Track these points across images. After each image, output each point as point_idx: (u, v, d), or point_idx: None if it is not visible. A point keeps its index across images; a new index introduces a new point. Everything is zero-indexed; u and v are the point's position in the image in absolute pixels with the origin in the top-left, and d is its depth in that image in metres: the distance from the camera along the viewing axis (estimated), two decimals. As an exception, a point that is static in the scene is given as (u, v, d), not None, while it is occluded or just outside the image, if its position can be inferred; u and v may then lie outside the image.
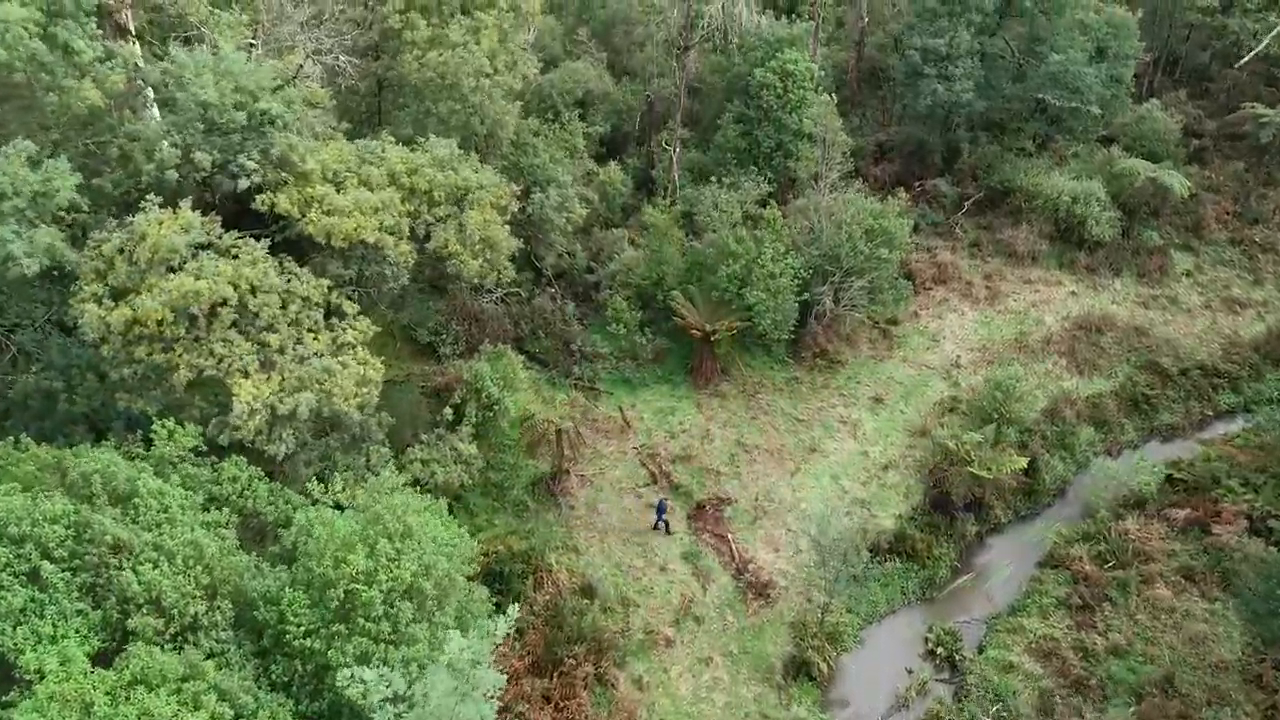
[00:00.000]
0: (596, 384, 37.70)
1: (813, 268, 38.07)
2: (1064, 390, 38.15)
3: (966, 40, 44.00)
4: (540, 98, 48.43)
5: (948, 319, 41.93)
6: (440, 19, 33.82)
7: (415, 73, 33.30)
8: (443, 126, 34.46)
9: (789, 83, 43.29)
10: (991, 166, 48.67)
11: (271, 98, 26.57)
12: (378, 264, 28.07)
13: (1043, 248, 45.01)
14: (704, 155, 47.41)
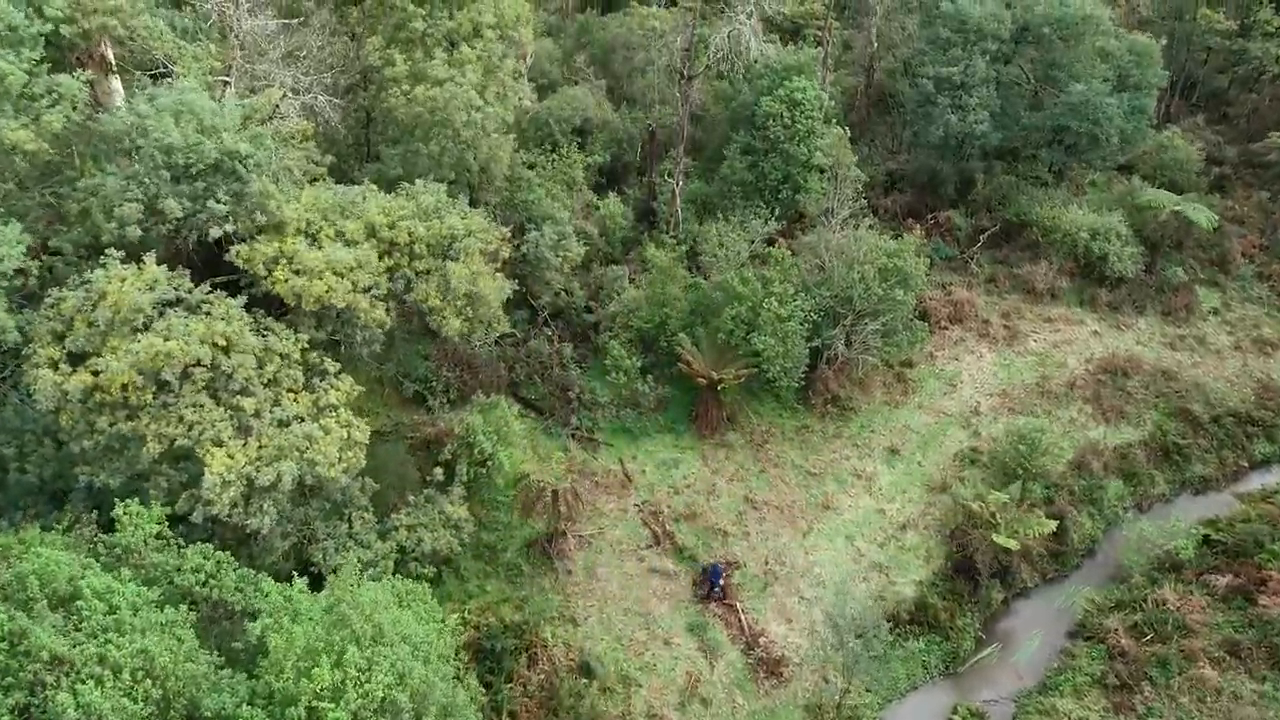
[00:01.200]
0: (595, 434, 35.63)
1: (823, 309, 36.07)
2: (1090, 440, 36.06)
3: (982, 69, 42.15)
4: (537, 125, 46.58)
5: (965, 361, 39.89)
6: (424, 52, 31.95)
7: (402, 108, 31.42)
8: (433, 163, 32.56)
9: (797, 112, 41.41)
10: (1007, 198, 46.75)
11: (238, 136, 24.59)
12: (350, 326, 26.05)
13: (1062, 284, 43.03)
14: (708, 186, 45.50)
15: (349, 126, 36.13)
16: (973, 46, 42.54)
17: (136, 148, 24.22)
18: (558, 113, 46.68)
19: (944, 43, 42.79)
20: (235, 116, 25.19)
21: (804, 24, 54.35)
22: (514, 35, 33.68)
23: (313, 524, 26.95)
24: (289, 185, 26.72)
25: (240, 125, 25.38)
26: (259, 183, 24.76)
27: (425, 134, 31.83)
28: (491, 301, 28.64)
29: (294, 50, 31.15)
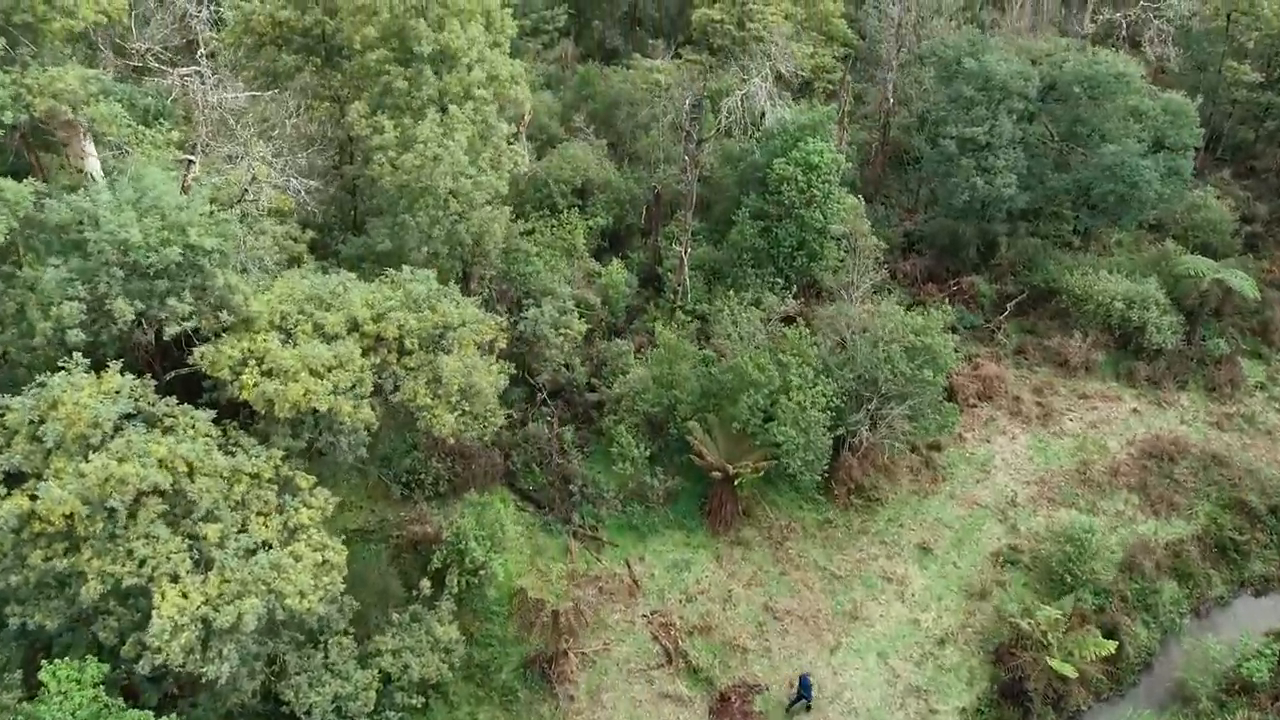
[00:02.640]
0: (599, 531, 32.56)
1: (846, 393, 33.22)
2: (1140, 536, 33.08)
3: (1008, 129, 39.72)
4: (536, 186, 44.04)
5: (997, 443, 36.99)
6: (412, 115, 29.34)
7: (388, 176, 28.73)
8: (423, 236, 29.84)
9: (812, 176, 38.87)
10: (1033, 261, 44.18)
11: (206, 232, 21.80)
12: (332, 433, 23.10)
13: (1097, 357, 40.27)
14: (716, 251, 42.84)
15: (331, 198, 33.45)
16: (998, 105, 40.18)
17: (85, 241, 21.42)
18: (557, 173, 44.17)
19: (967, 101, 40.42)
20: (202, 204, 22.42)
21: (814, 77, 52.12)
22: (509, 95, 31.12)
23: (283, 657, 23.82)
24: (260, 274, 23.92)
25: (206, 214, 22.61)
26: (224, 276, 21.95)
27: (411, 204, 29.12)
28: (488, 396, 25.78)
29: (268, 122, 28.44)
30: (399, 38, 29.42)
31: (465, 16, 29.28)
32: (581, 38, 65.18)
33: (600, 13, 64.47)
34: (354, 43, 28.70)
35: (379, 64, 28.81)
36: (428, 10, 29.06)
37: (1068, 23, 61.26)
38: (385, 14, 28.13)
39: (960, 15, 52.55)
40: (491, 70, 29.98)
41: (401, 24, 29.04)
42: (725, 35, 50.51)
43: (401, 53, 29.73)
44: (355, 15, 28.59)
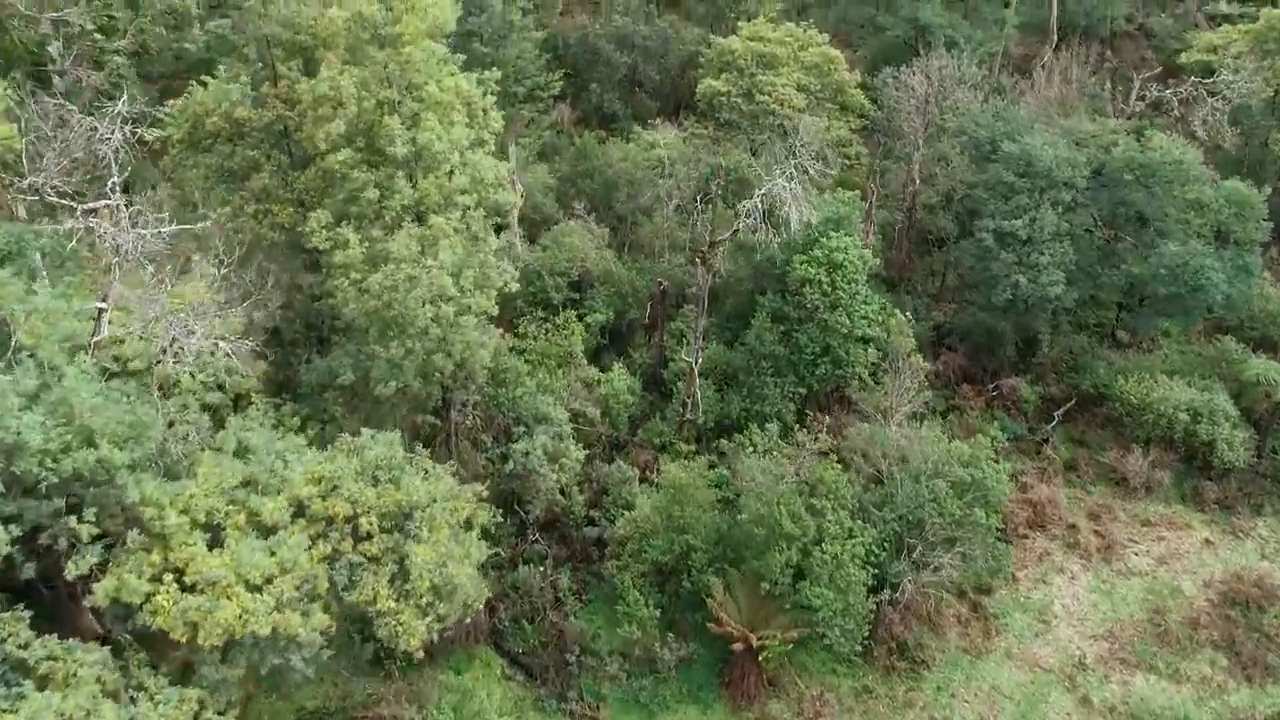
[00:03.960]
0: (599, 710, 27.67)
1: (887, 537, 28.65)
2: (1233, 711, 28.33)
3: (1053, 221, 35.60)
4: (529, 280, 39.73)
5: (1055, 583, 32.34)
6: (382, 227, 25.02)
7: (353, 301, 24.31)
8: (394, 369, 25.38)
9: (837, 276, 34.65)
10: (1078, 361, 39.84)
11: (125, 442, 17.27)
12: (280, 653, 18.42)
13: (1160, 476, 35.74)
14: (729, 350, 38.45)
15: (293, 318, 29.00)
16: (1040, 194, 36.11)
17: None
18: (551, 264, 39.96)
19: (1005, 189, 36.34)
20: (123, 418, 17.89)
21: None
22: (495, 200, 26.85)
23: None
24: (182, 453, 19.38)
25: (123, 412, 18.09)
26: (138, 488, 17.41)
27: (381, 332, 24.70)
28: (468, 590, 21.12)
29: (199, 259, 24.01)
30: (368, 136, 25.26)
31: (444, 111, 25.14)
32: (579, 100, 61.55)
33: (598, 76, 60.81)
34: (315, 142, 24.49)
35: (344, 167, 24.59)
36: (400, 104, 24.93)
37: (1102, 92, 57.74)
38: (352, 108, 23.96)
39: (984, 84, 48.90)
40: (475, 173, 25.74)
41: (371, 120, 24.89)
42: (733, 108, 46.82)
43: (371, 154, 25.54)
44: (317, 108, 24.38)
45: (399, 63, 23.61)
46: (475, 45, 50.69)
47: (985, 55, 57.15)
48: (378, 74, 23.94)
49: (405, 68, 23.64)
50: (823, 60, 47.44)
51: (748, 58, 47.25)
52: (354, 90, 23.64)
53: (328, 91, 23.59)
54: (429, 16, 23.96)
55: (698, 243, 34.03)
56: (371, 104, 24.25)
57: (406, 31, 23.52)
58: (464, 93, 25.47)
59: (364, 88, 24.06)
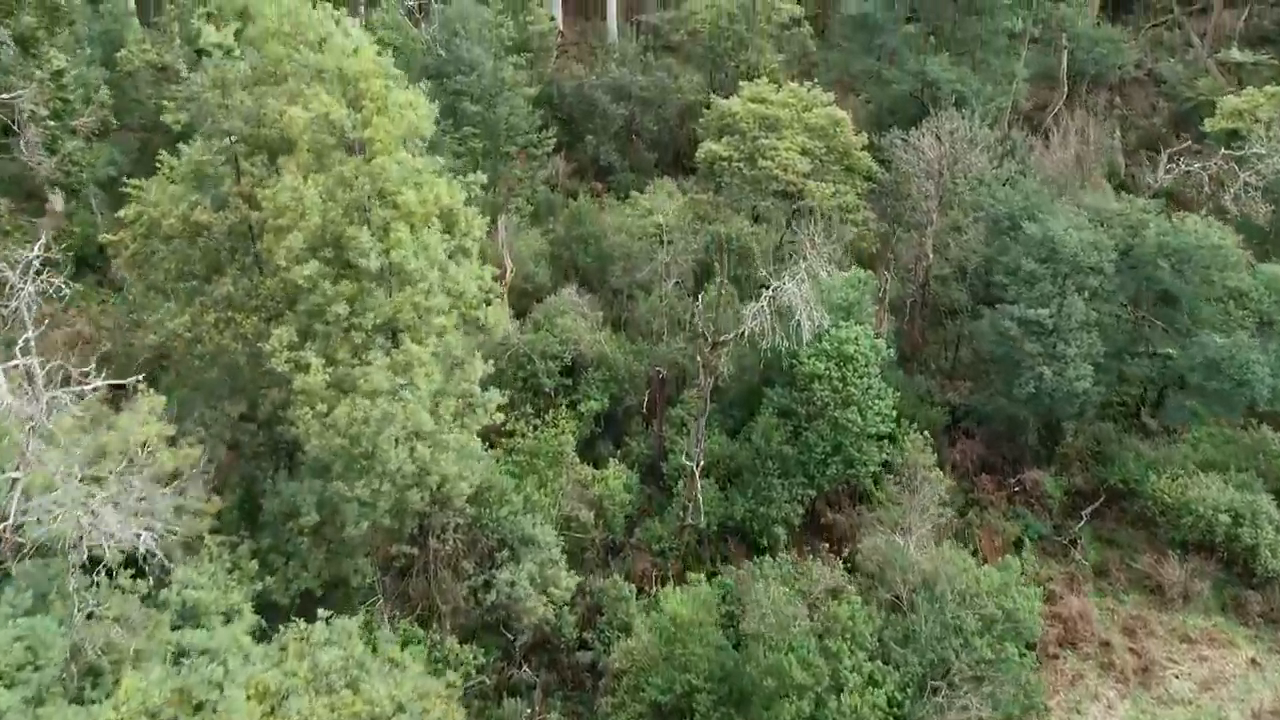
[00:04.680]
0: None
1: (909, 680, 25.99)
2: None
3: (1080, 310, 33.18)
4: (517, 363, 37.29)
5: (1089, 714, 29.66)
6: (351, 348, 22.52)
7: (315, 437, 21.78)
8: (365, 510, 22.83)
9: (848, 370, 32.22)
10: (1105, 452, 37.29)
11: (20, 670, 14.63)
12: None
13: (1198, 586, 33.15)
14: (732, 441, 35.90)
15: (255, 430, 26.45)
16: (1065, 280, 33.72)
17: None
18: (543, 347, 37.48)
19: (1028, 275, 33.94)
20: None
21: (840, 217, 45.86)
22: (477, 318, 24.36)
23: None
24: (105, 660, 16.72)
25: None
26: None
27: (346, 470, 22.15)
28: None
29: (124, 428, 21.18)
30: (335, 246, 22.82)
31: (419, 220, 22.69)
32: (574, 151, 59.48)
33: (594, 127, 58.74)
34: (276, 255, 22.04)
35: (309, 281, 22.12)
36: (370, 213, 22.47)
37: (1114, 141, 55.69)
38: (315, 218, 21.51)
39: (998, 147, 46.67)
40: (454, 288, 23.27)
41: (338, 230, 22.46)
42: (734, 173, 44.56)
43: (339, 265, 23.10)
44: (277, 218, 21.93)
45: (369, 174, 21.21)
46: (465, 104, 48.62)
47: (995, 110, 55.14)
48: (345, 182, 21.53)
49: (376, 178, 21.23)
50: (828, 123, 45.27)
51: (749, 120, 45.08)
52: (318, 200, 21.22)
53: (288, 202, 21.16)
54: (403, 121, 21.57)
55: (697, 329, 31.47)
56: (338, 212, 21.84)
57: (377, 137, 21.16)
58: (443, 203, 23.01)
59: (329, 196, 21.65)
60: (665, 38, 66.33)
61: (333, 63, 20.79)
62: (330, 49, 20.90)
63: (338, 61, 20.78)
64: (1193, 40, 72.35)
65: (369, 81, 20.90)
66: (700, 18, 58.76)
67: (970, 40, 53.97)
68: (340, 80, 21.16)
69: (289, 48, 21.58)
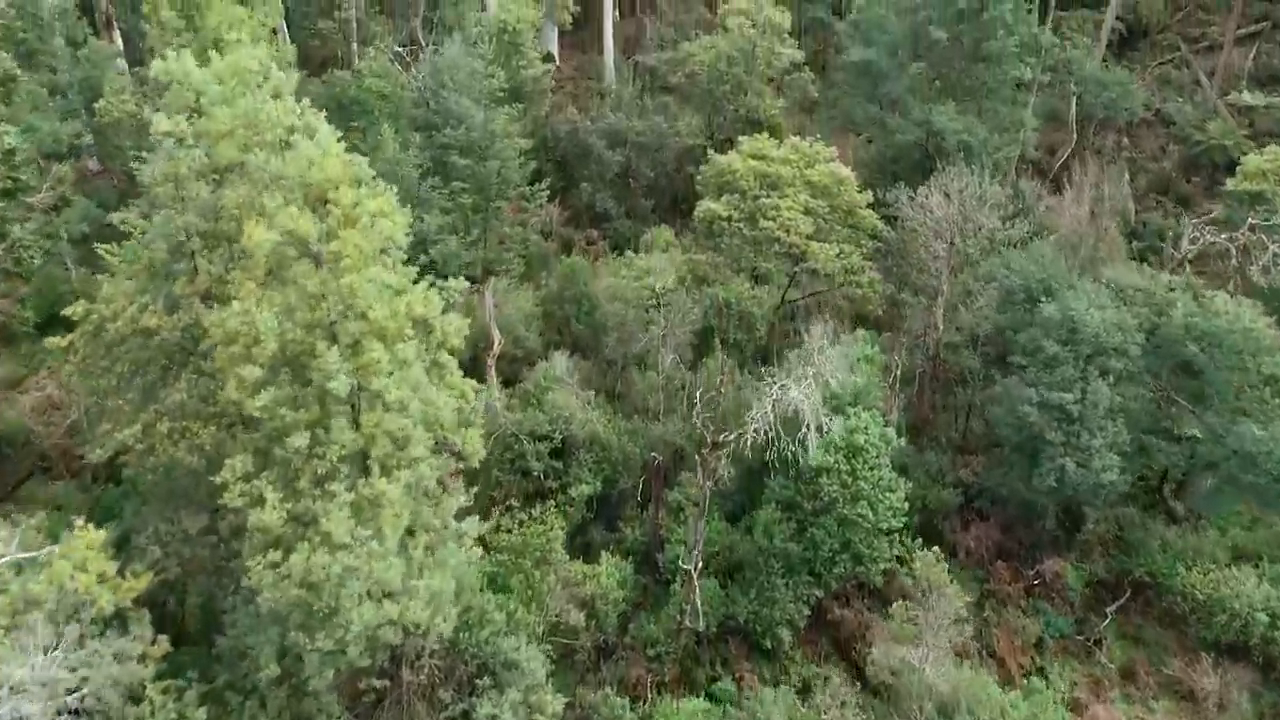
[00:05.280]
0: None
1: (929, 823, 23.80)
2: None
3: (1105, 396, 31.11)
4: (504, 444, 35.16)
5: (1122, 844, 27.40)
6: (313, 479, 20.35)
7: (269, 588, 19.59)
8: (330, 659, 20.62)
9: (857, 463, 30.13)
10: (1129, 540, 35.14)
11: None
12: None
13: (1234, 695, 30.92)
14: (732, 529, 33.78)
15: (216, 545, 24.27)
16: (1088, 362, 31.68)
17: None
18: (532, 427, 35.35)
19: (1048, 358, 31.90)
20: None
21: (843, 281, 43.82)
22: (454, 443, 22.23)
23: None
24: None
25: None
26: None
27: (304, 623, 19.94)
28: None
29: None
30: (295, 367, 20.70)
31: (393, 334, 20.59)
32: (569, 197, 57.67)
33: (589, 174, 56.92)
34: (229, 386, 19.89)
35: (266, 412, 19.99)
36: (337, 328, 20.34)
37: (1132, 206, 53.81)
38: (272, 345, 19.38)
39: (1010, 203, 44.74)
40: (429, 413, 21.14)
41: (300, 348, 20.34)
42: (734, 233, 42.62)
43: (300, 384, 20.96)
44: (228, 345, 19.81)
45: (337, 293, 19.12)
46: (454, 157, 46.75)
47: (1003, 160, 53.32)
48: (308, 298, 19.44)
49: (344, 298, 19.13)
50: (831, 181, 43.39)
51: (749, 178, 43.18)
52: (274, 324, 19.11)
53: (239, 328, 19.06)
54: (375, 235, 19.48)
55: (695, 419, 29.29)
56: (300, 332, 19.73)
57: (346, 252, 19.08)
58: (417, 314, 20.93)
59: (289, 315, 19.54)
60: (663, 79, 64.67)
61: (295, 171, 18.76)
62: (293, 156, 18.83)
63: (301, 171, 18.73)
64: (1201, 79, 70.80)
65: (337, 191, 18.84)
66: (699, 60, 57.02)
67: (977, 88, 52.16)
68: (304, 187, 19.11)
69: (245, 149, 19.56)
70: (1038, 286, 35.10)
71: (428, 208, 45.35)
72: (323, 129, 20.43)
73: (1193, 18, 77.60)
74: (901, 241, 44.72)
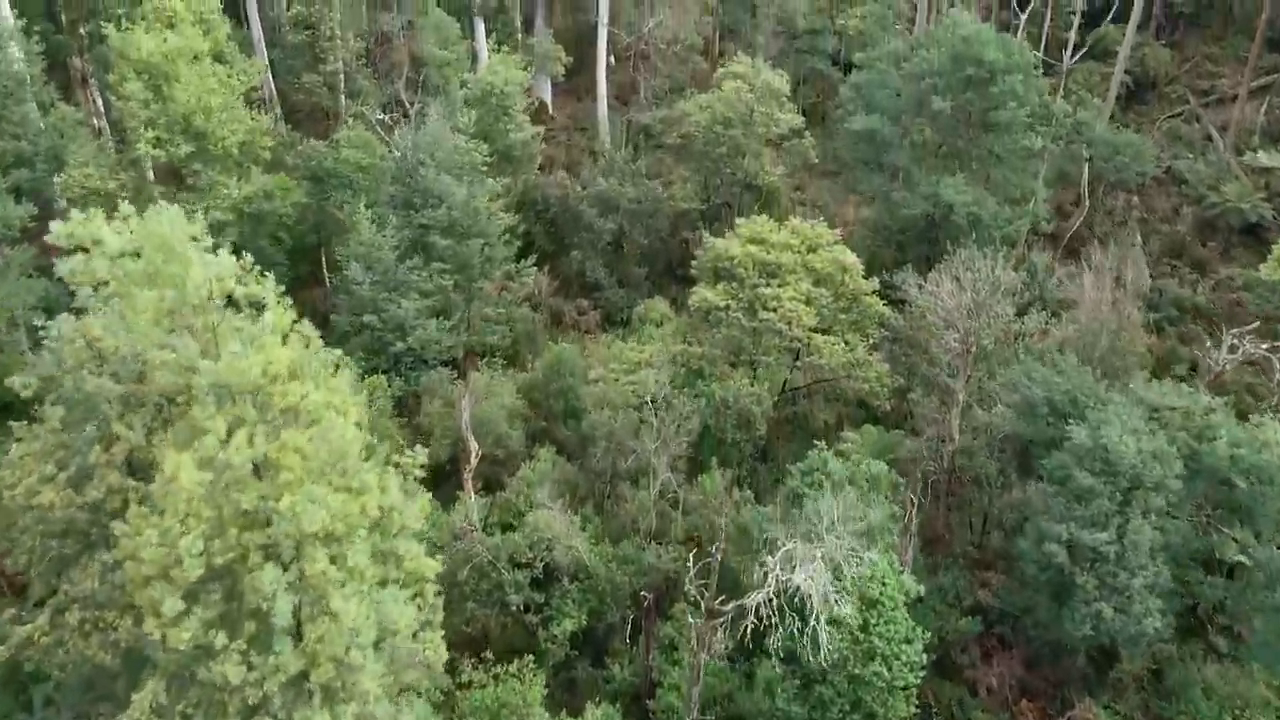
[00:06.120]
0: None
1: None
2: None
3: (1147, 535, 28.18)
4: (480, 573, 32.15)
5: None
6: (242, 710, 17.23)
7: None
8: None
9: (871, 615, 27.16)
10: (1167, 681, 32.11)
11: None
12: None
13: None
14: (733, 671, 30.62)
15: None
16: (1125, 495, 28.79)
17: None
18: (512, 553, 32.34)
19: (1080, 490, 29.02)
20: None
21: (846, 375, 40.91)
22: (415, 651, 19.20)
23: None
24: None
25: None
26: None
27: None
28: None
29: None
30: (226, 579, 17.67)
31: (345, 543, 17.54)
32: (558, 264, 55.03)
33: (580, 242, 54.30)
34: (146, 618, 16.80)
35: (190, 644, 16.88)
36: (276, 528, 17.26)
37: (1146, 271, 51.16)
38: (196, 571, 16.32)
39: (1026, 292, 42.12)
40: (383, 626, 18.11)
41: (230, 558, 17.28)
42: (732, 323, 39.90)
43: (229, 601, 17.89)
44: (139, 565, 16.72)
45: (276, 512, 16.11)
46: (434, 237, 44.10)
47: (1014, 233, 50.81)
48: (239, 514, 16.43)
49: (283, 519, 16.12)
50: (834, 269, 40.75)
51: (748, 265, 40.53)
52: (197, 547, 16.09)
53: (156, 557, 16.03)
54: (324, 448, 16.38)
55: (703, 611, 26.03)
56: (229, 554, 16.69)
57: (285, 462, 16.07)
58: (373, 515, 17.89)
59: (216, 532, 16.55)
60: (657, 138, 62.22)
61: (233, 376, 15.76)
62: (227, 361, 15.78)
63: (235, 377, 15.74)
64: (1212, 135, 68.60)
65: (279, 389, 15.88)
66: (694, 120, 54.51)
67: (985, 157, 49.73)
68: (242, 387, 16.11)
69: (172, 331, 16.63)
70: (1062, 399, 32.38)
71: (406, 291, 42.62)
72: (270, 299, 17.49)
73: (1200, 69, 75.59)
74: (910, 329, 42.02)
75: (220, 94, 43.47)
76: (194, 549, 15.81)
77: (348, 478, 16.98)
